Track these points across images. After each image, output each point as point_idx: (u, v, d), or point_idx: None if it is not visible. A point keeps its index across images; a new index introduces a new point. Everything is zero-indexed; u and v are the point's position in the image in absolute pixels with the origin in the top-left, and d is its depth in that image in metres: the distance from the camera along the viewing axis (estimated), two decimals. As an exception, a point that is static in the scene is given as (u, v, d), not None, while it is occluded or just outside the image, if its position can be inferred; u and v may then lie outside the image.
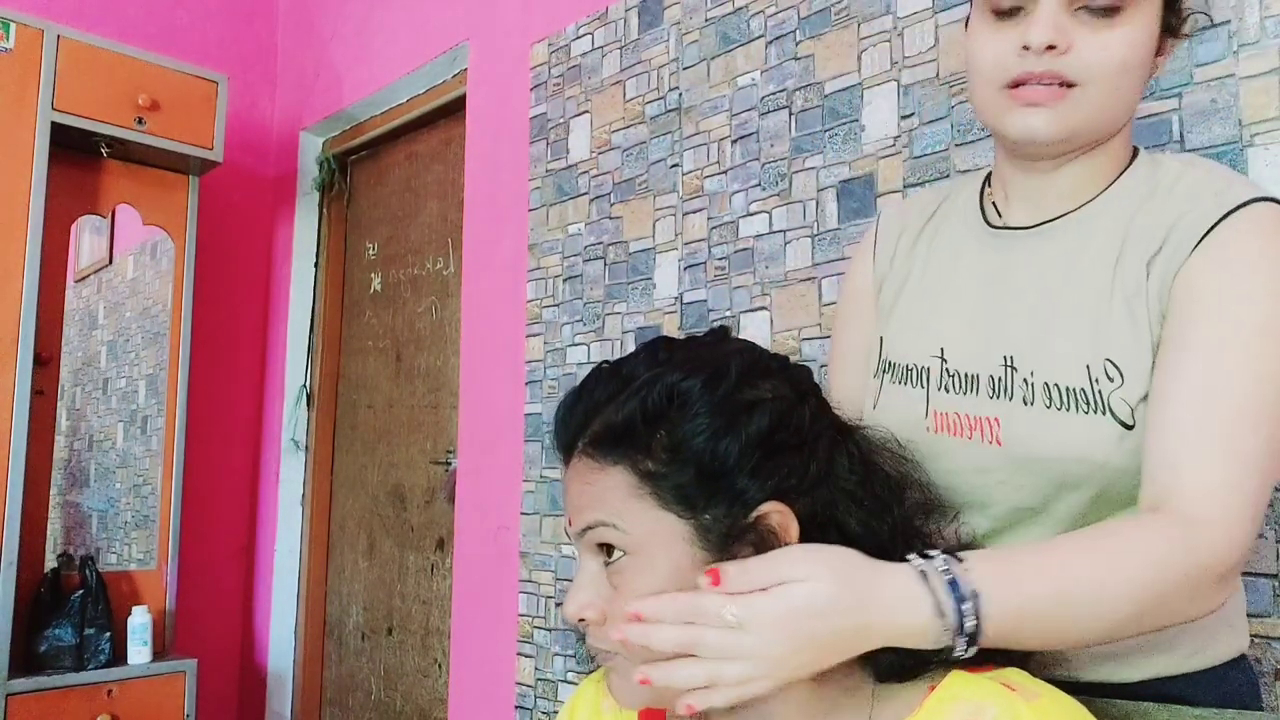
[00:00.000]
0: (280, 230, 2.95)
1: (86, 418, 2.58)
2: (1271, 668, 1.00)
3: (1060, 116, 0.73)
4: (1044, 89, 0.72)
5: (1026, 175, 0.80)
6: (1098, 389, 0.71)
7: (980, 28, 0.77)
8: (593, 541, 0.63)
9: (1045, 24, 0.71)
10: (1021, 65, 0.73)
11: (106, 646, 2.13)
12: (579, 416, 0.66)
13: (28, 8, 2.29)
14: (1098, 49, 0.72)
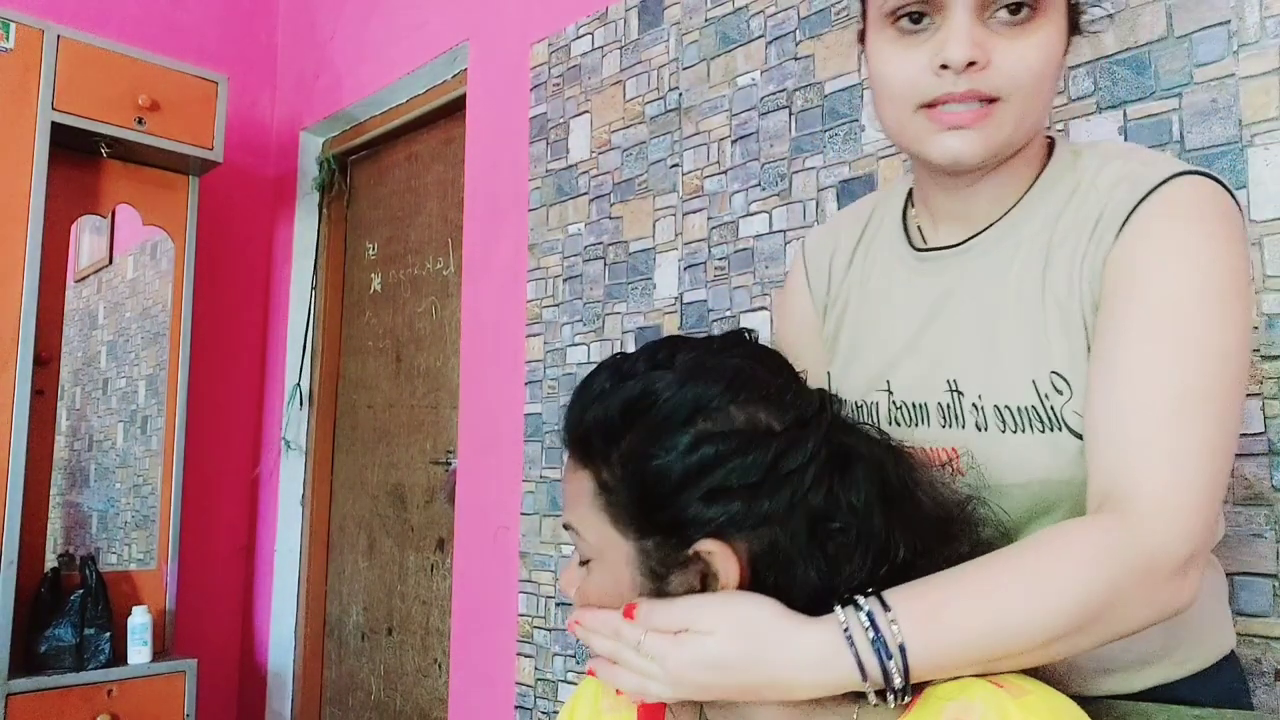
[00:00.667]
0: (280, 230, 2.95)
1: (86, 418, 2.58)
2: (1271, 668, 1.00)
3: (984, 136, 0.68)
4: (966, 110, 0.68)
5: (950, 194, 0.76)
6: (1049, 404, 0.68)
7: (884, 45, 0.71)
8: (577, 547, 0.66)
9: (962, 40, 0.66)
10: (939, 86, 0.67)
11: (106, 646, 2.13)
12: (575, 409, 0.64)
13: (28, 8, 2.29)
14: (1015, 60, 0.67)
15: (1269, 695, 1.00)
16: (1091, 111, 1.19)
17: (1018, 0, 0.66)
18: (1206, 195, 0.66)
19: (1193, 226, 0.65)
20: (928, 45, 0.68)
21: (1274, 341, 1.03)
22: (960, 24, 0.66)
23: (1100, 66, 1.19)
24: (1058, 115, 1.22)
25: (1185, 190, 0.66)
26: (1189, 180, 0.67)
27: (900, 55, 0.69)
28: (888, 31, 0.70)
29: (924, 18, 0.68)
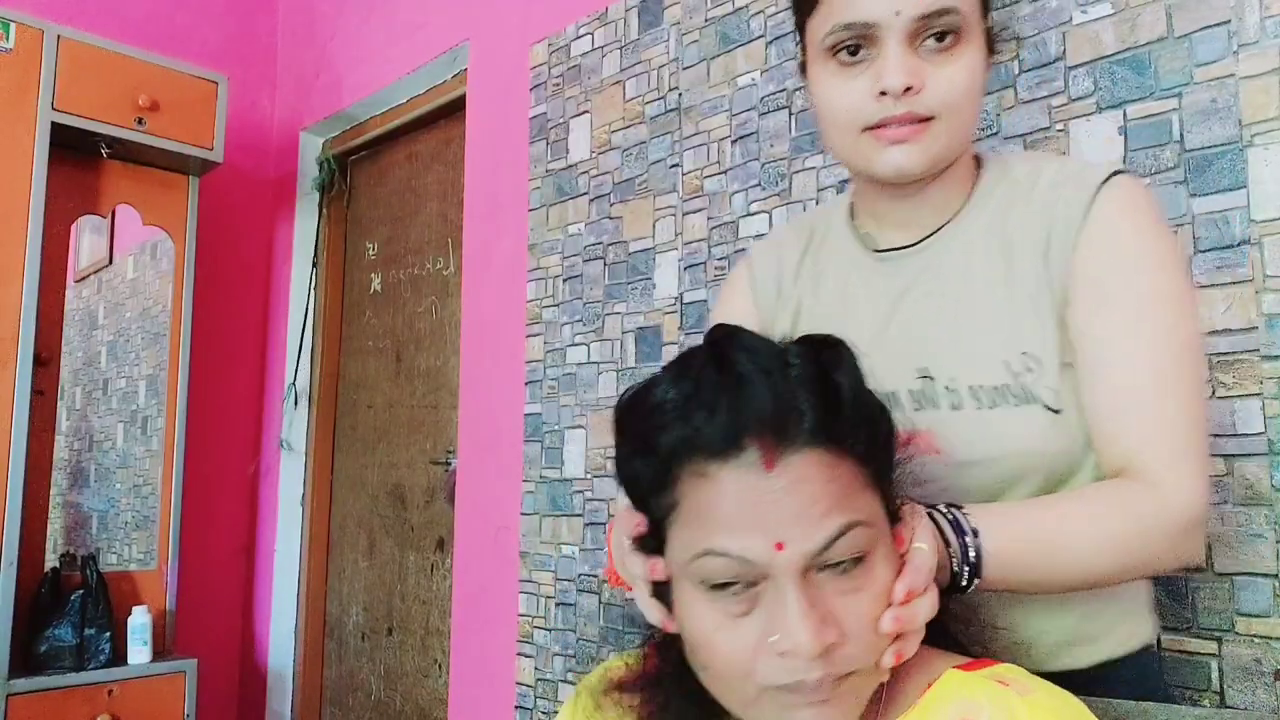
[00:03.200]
0: (280, 230, 2.95)
1: (86, 418, 2.58)
2: (1271, 668, 1.00)
3: (924, 149, 0.76)
4: (911, 127, 0.76)
5: (897, 202, 0.84)
6: (1021, 381, 0.75)
7: (826, 76, 0.78)
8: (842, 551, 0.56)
9: (898, 68, 0.74)
10: (880, 110, 0.75)
11: (106, 646, 2.13)
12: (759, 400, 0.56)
13: (28, 8, 2.29)
14: (945, 82, 0.75)
15: (1269, 695, 1.00)
16: (1091, 111, 1.19)
17: (942, 30, 0.74)
18: (1143, 192, 0.77)
19: (1146, 226, 0.76)
20: (866, 74, 0.76)
21: (1274, 341, 1.03)
22: (894, 54, 0.74)
23: (1100, 66, 1.19)
24: (1058, 115, 1.22)
25: (1128, 189, 0.76)
26: (1125, 179, 0.77)
27: (842, 85, 0.77)
28: (829, 64, 0.78)
29: (860, 49, 0.76)
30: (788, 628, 0.54)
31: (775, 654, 0.55)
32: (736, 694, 0.58)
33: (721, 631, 0.56)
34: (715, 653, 0.57)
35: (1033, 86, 1.25)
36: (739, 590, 0.56)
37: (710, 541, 0.55)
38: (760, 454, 0.55)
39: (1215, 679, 1.04)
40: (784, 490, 0.55)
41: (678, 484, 0.58)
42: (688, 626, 0.58)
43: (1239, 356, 1.05)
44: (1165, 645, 1.08)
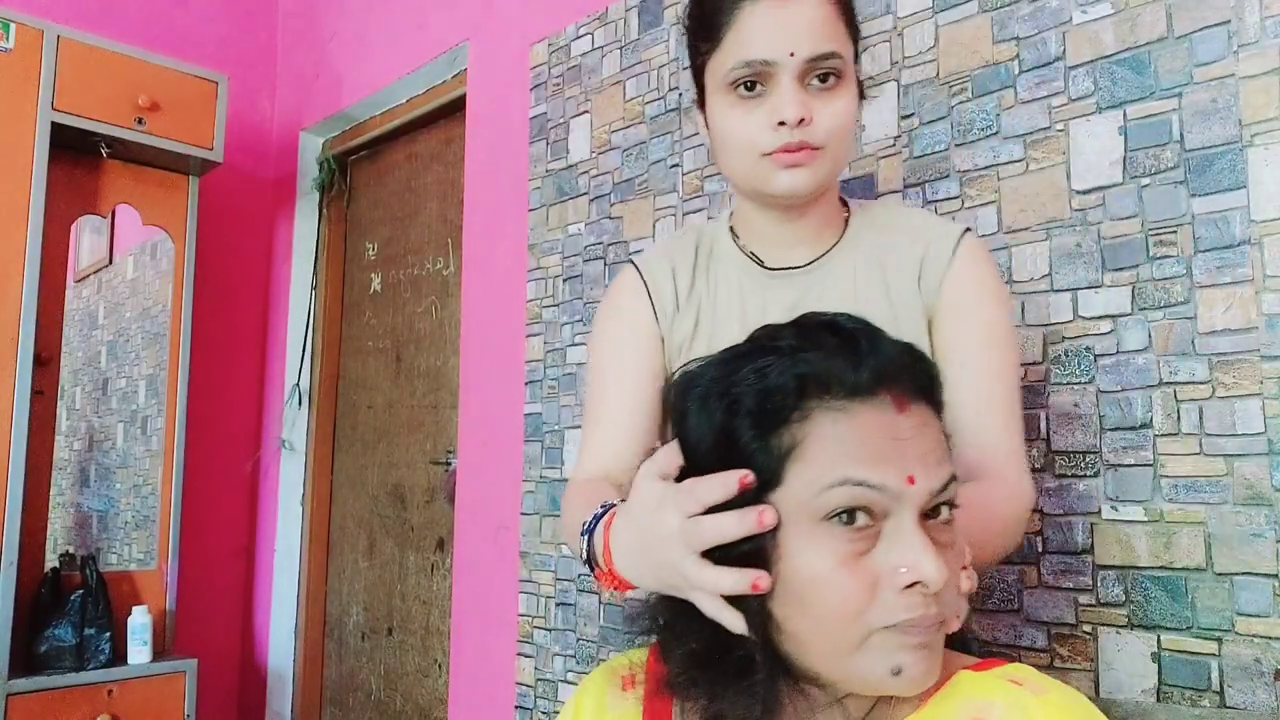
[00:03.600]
0: (280, 230, 2.95)
1: (86, 418, 2.58)
2: (1271, 668, 1.01)
3: (814, 172, 0.89)
4: (804, 153, 0.87)
5: (781, 224, 0.96)
6: None
7: (726, 109, 0.89)
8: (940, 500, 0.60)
9: (794, 103, 0.85)
10: (777, 138, 0.87)
11: (106, 646, 2.13)
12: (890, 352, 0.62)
13: (28, 8, 2.29)
14: (830, 117, 0.87)
15: (1269, 695, 1.00)
16: (1091, 111, 1.19)
17: (826, 72, 0.87)
18: (985, 249, 0.97)
19: (994, 275, 0.95)
20: (763, 108, 0.87)
21: (1274, 341, 1.03)
22: (789, 89, 0.86)
23: (1100, 66, 1.19)
24: (1058, 115, 1.22)
25: (980, 245, 0.96)
26: (976, 238, 0.96)
27: (743, 116, 0.89)
28: (729, 97, 0.89)
29: (756, 85, 0.87)
30: (916, 559, 0.57)
31: (898, 588, 0.57)
32: (840, 639, 0.58)
33: (842, 568, 0.58)
34: (832, 592, 0.58)
35: (1033, 86, 1.25)
36: (862, 525, 0.58)
37: (848, 470, 0.58)
38: (892, 398, 0.60)
39: (1215, 679, 1.04)
40: (913, 430, 0.60)
41: (807, 421, 0.60)
42: (801, 569, 0.59)
43: (1239, 356, 1.05)
44: (1165, 645, 1.08)
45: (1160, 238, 1.12)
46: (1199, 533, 1.06)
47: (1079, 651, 1.14)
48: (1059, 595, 1.16)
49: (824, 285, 0.96)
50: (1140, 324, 1.12)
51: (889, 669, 0.57)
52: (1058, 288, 1.20)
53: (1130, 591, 1.11)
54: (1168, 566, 1.08)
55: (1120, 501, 1.12)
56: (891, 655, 0.57)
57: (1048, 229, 1.22)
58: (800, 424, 0.60)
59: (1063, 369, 1.18)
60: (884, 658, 0.57)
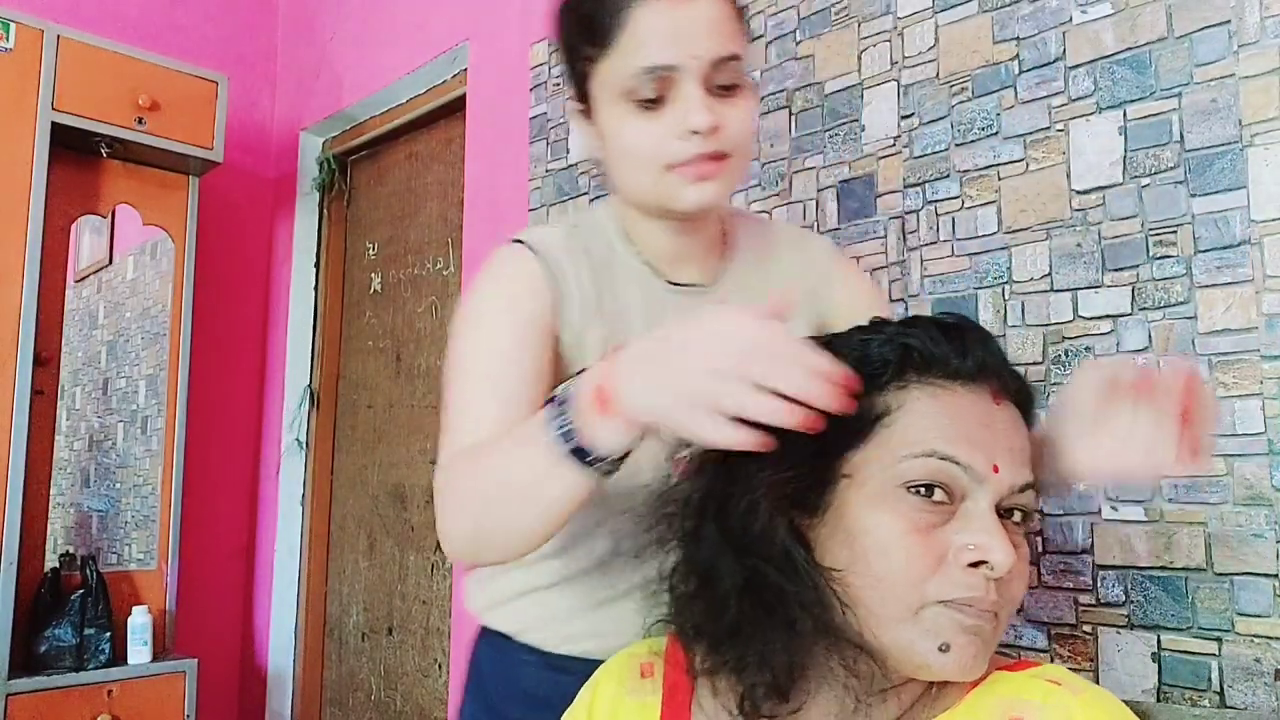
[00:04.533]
0: (280, 230, 2.95)
1: (86, 418, 2.58)
2: (1271, 668, 1.01)
3: (723, 184, 0.84)
4: (711, 164, 0.82)
5: (675, 237, 0.91)
6: None
7: (627, 119, 0.82)
8: (1016, 502, 0.61)
9: (703, 109, 0.80)
10: (686, 148, 0.81)
11: (106, 646, 2.13)
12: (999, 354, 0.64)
13: (28, 8, 2.29)
14: (735, 123, 0.82)
15: (1269, 695, 1.00)
16: (1091, 111, 1.19)
17: (728, 75, 0.81)
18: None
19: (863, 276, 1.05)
20: (667, 116, 0.81)
21: (1274, 341, 1.03)
22: (696, 95, 0.80)
23: (1100, 66, 1.19)
24: (1058, 115, 1.22)
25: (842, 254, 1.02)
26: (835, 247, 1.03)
27: (644, 126, 0.82)
28: (626, 106, 0.82)
29: (662, 99, 0.81)
30: (987, 540, 0.57)
31: (963, 565, 0.57)
32: (896, 604, 0.58)
33: (913, 533, 0.58)
34: (898, 554, 0.58)
35: (1033, 86, 1.25)
36: (939, 500, 0.59)
37: (937, 444, 0.59)
38: (990, 390, 0.62)
39: (1215, 679, 1.04)
40: (1006, 424, 0.61)
41: (903, 392, 0.61)
42: (870, 529, 0.59)
43: (1239, 356, 1.05)
44: (1165, 645, 1.08)
45: (1160, 238, 1.12)
46: (1199, 533, 1.06)
47: (1079, 651, 1.14)
48: (1059, 595, 1.16)
49: (722, 298, 0.94)
50: (1140, 324, 1.12)
51: (937, 644, 0.57)
52: (1058, 288, 1.20)
53: (1130, 591, 1.11)
54: (1168, 566, 1.08)
55: (1120, 501, 1.12)
56: (942, 631, 0.57)
57: (1048, 229, 1.22)
58: (896, 393, 0.61)
59: (1063, 369, 1.18)
60: (934, 632, 0.57)
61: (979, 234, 1.28)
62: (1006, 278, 1.25)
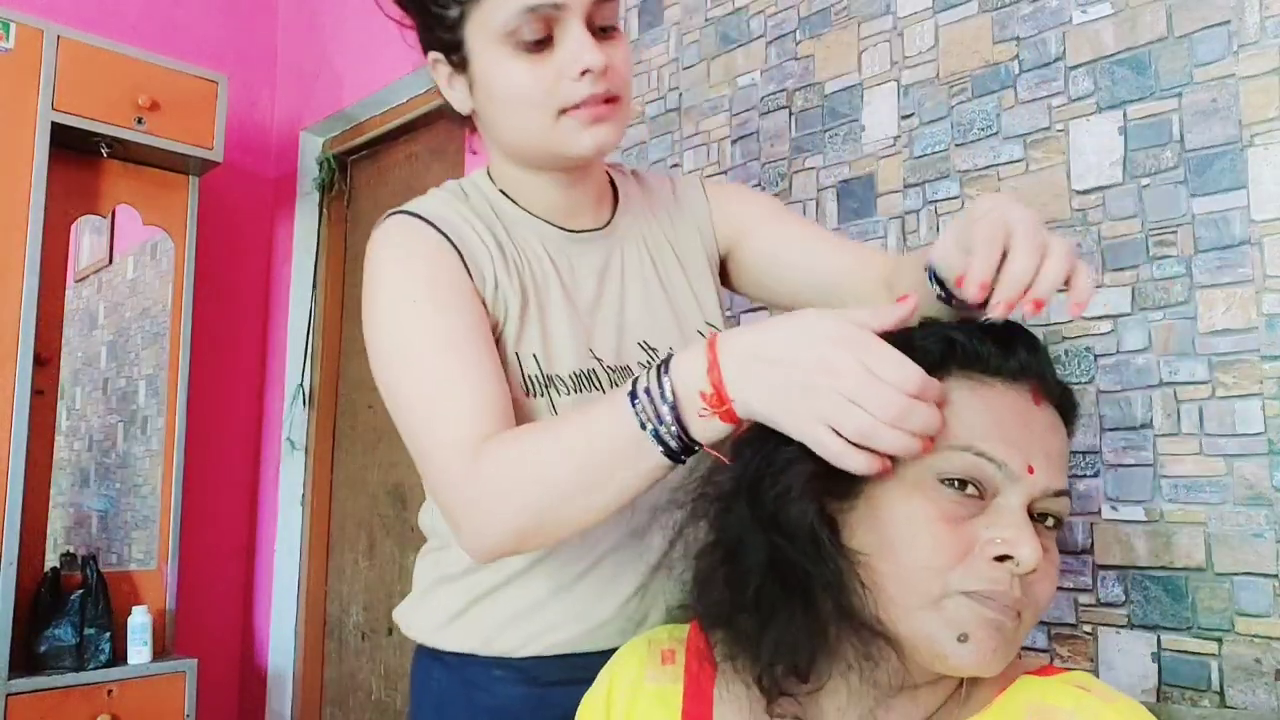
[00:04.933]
0: (280, 230, 2.95)
1: (86, 418, 2.58)
2: (1271, 668, 1.00)
3: (616, 127, 0.82)
4: (606, 106, 0.80)
5: (566, 189, 0.88)
6: None
7: (511, 64, 0.79)
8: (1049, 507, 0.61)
9: (593, 48, 0.77)
10: (579, 90, 0.78)
11: (106, 646, 2.13)
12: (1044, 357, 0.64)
13: (28, 8, 2.29)
14: (620, 64, 0.81)
15: (1269, 695, 1.00)
16: (1091, 111, 1.19)
17: (607, 16, 0.80)
18: None
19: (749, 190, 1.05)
20: (555, 58, 0.78)
21: (1274, 341, 1.03)
22: (584, 35, 0.77)
23: (1100, 66, 1.19)
24: (1058, 115, 1.22)
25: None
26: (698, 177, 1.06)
27: (532, 69, 0.78)
28: (507, 50, 0.79)
29: (549, 41, 0.78)
30: (1015, 536, 0.57)
31: (988, 557, 0.57)
32: (918, 591, 0.58)
33: (942, 522, 0.58)
34: (926, 540, 0.58)
35: (1033, 86, 1.25)
36: (971, 495, 0.59)
37: (975, 440, 0.59)
38: (1032, 390, 0.62)
39: (1215, 679, 1.04)
40: (1045, 426, 0.61)
41: (944, 384, 0.60)
42: (900, 517, 0.59)
43: (1239, 356, 1.05)
44: (1165, 645, 1.08)
45: (1160, 238, 1.12)
46: (1199, 533, 1.06)
47: (1079, 651, 1.14)
48: (1059, 595, 1.16)
49: (624, 246, 0.92)
50: (1140, 324, 1.12)
51: (957, 634, 0.57)
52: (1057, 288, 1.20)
53: (1130, 591, 1.11)
54: (1168, 566, 1.08)
55: (1120, 501, 1.12)
56: (963, 622, 0.57)
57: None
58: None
59: (1063, 369, 1.18)
60: (955, 622, 0.57)
61: (979, 234, 1.28)
62: (1006, 278, 1.25)
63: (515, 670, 0.87)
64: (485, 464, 0.72)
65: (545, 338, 0.86)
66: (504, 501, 0.71)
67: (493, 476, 0.72)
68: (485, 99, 0.83)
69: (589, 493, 0.68)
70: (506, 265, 0.86)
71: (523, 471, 0.71)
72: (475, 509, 0.73)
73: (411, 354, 0.79)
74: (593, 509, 0.69)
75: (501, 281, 0.85)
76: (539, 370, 0.85)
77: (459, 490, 0.74)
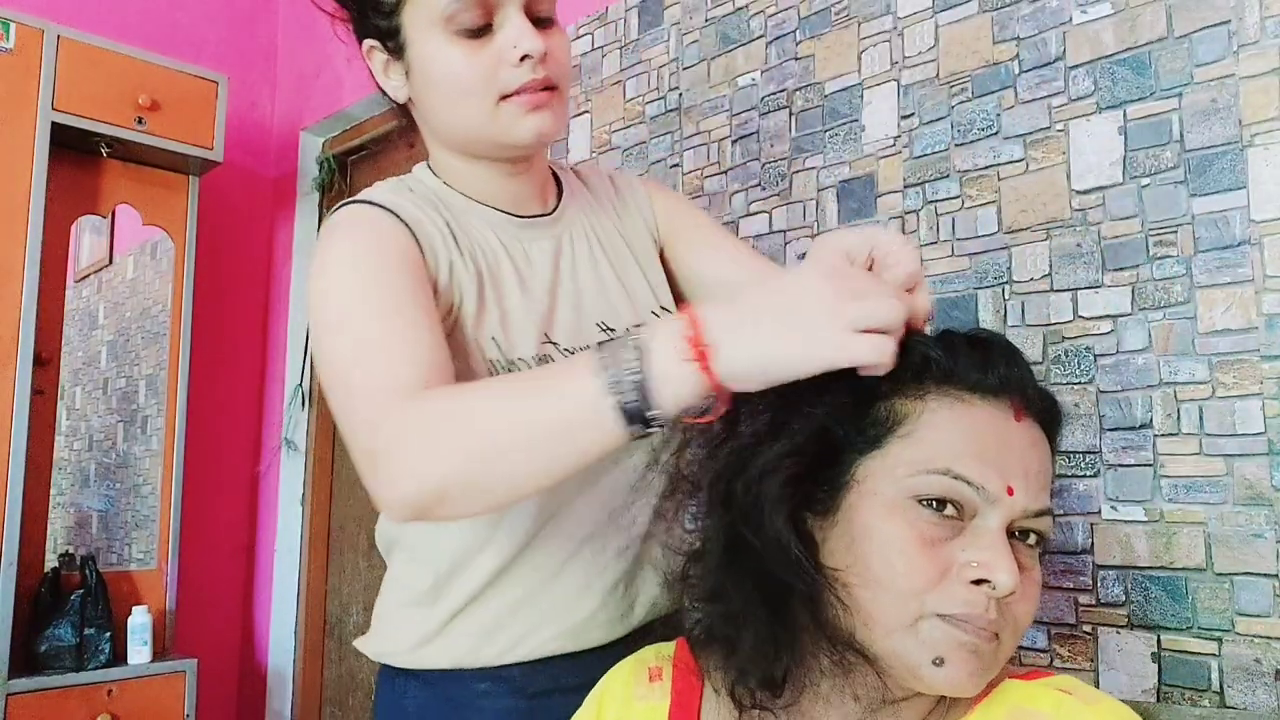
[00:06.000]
0: (280, 230, 2.95)
1: (86, 418, 2.58)
2: (1271, 668, 1.01)
3: (556, 114, 0.82)
4: (545, 93, 0.80)
5: (509, 179, 0.88)
6: None
7: (450, 50, 0.79)
8: (1031, 525, 0.60)
9: (532, 35, 0.77)
10: (519, 75, 0.78)
11: (106, 646, 2.13)
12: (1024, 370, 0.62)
13: (28, 8, 2.29)
14: (559, 52, 0.82)
15: (1269, 695, 1.00)
16: (1091, 111, 1.19)
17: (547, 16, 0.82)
18: None
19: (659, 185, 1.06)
20: (494, 44, 0.78)
21: (1274, 341, 1.03)
22: (523, 21, 0.78)
23: (1100, 66, 1.19)
24: (1058, 115, 1.22)
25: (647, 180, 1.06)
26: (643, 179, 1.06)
27: (471, 55, 0.79)
28: (445, 36, 0.79)
29: (488, 28, 0.78)
30: (992, 560, 0.56)
31: (965, 581, 0.57)
32: (894, 613, 0.57)
33: (915, 546, 0.57)
34: (902, 564, 0.57)
35: (1033, 86, 1.25)
36: (950, 515, 0.58)
37: (952, 462, 0.58)
38: (1012, 405, 0.60)
39: (1215, 679, 1.04)
40: (1026, 444, 0.60)
41: (921, 401, 0.60)
42: (877, 536, 0.59)
43: (1239, 356, 1.05)
44: (1165, 645, 1.08)
45: (1160, 238, 1.12)
46: (1199, 533, 1.06)
47: (1079, 651, 1.14)
48: (1059, 595, 1.16)
49: (573, 232, 0.92)
50: (1140, 324, 1.12)
51: (932, 657, 0.57)
52: (1058, 288, 1.20)
53: (1130, 591, 1.11)
54: (1168, 566, 1.08)
55: (1120, 501, 1.12)
56: (938, 645, 0.57)
57: (1048, 229, 1.22)
58: (914, 401, 0.60)
59: (1063, 369, 1.18)
60: (930, 645, 0.57)
61: (979, 234, 1.28)
62: (1006, 278, 1.25)
63: (502, 682, 0.84)
64: (416, 405, 0.67)
65: (503, 321, 0.85)
66: (431, 444, 0.64)
67: (423, 417, 0.66)
68: (423, 86, 0.83)
69: (529, 451, 0.62)
70: (460, 250, 0.84)
71: (457, 417, 0.65)
72: (397, 449, 0.65)
73: (353, 316, 0.75)
74: (528, 474, 0.63)
75: (456, 265, 0.83)
76: (500, 354, 0.84)
77: (379, 431, 0.67)
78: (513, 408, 0.64)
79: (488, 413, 0.64)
